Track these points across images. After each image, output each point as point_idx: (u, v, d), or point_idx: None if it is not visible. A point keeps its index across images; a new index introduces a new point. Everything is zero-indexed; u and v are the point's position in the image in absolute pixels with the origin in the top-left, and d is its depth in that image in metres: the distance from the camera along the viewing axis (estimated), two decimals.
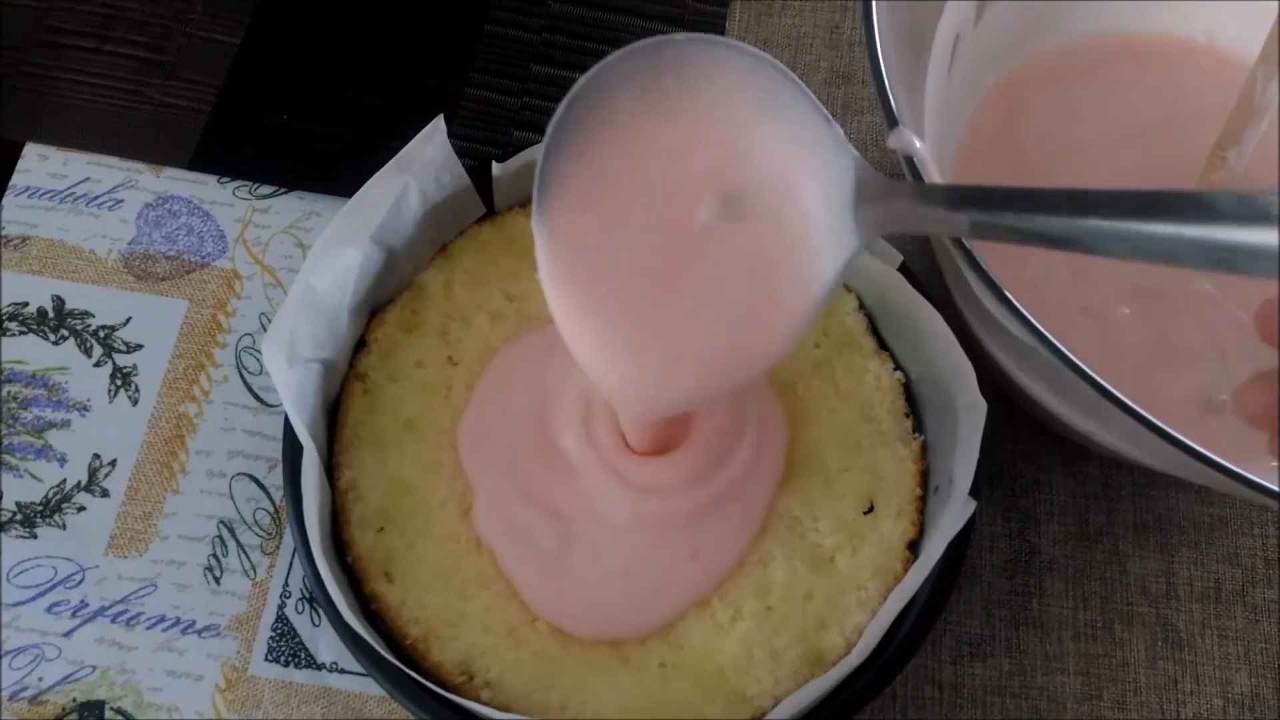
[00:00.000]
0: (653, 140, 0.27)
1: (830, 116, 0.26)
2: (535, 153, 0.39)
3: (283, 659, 0.36)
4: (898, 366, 0.38)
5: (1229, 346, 0.37)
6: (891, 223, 0.26)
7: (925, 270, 0.38)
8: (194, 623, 0.37)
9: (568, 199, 0.27)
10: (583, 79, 0.26)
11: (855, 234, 0.26)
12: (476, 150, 0.47)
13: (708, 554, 0.34)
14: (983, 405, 0.33)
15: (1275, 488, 0.25)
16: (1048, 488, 0.41)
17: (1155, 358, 0.37)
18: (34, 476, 0.38)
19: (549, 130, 0.27)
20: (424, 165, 0.36)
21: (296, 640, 0.36)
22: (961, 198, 0.25)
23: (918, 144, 0.27)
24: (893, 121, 0.28)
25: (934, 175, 0.28)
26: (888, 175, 0.26)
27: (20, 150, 0.44)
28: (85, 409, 0.39)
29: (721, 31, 0.50)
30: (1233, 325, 0.37)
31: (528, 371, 0.36)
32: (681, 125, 0.27)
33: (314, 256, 0.34)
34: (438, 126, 0.36)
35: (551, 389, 0.36)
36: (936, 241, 0.32)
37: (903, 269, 0.37)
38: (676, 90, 0.26)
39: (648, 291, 0.27)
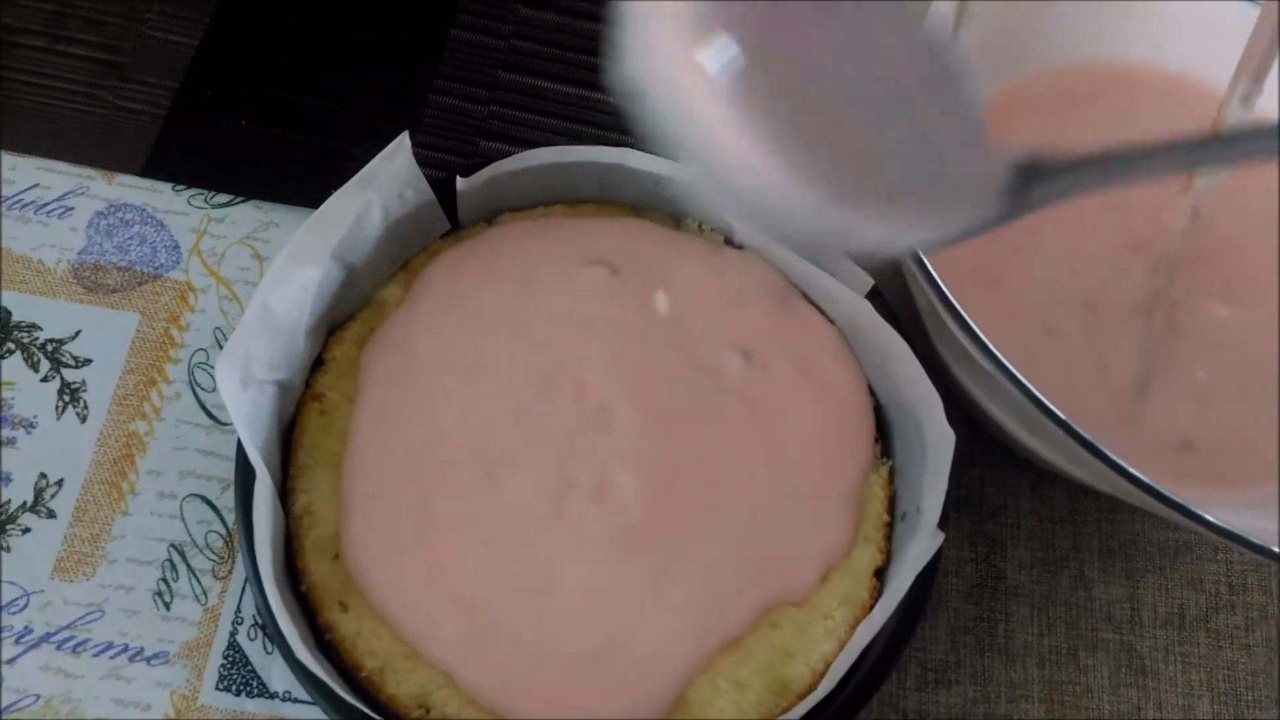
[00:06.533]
0: None
1: None
2: (501, 167, 0.38)
3: (234, 688, 0.35)
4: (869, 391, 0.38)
5: (1209, 375, 0.37)
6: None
7: (896, 293, 0.38)
8: (142, 650, 0.35)
9: None
10: None
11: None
12: (441, 159, 0.45)
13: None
14: (951, 436, 0.33)
15: (1272, 547, 0.24)
16: (1014, 512, 0.41)
17: (1130, 386, 0.36)
18: None
19: None
20: (387, 181, 0.35)
21: (249, 668, 0.35)
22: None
23: None
24: None
25: None
26: None
27: None
28: (32, 426, 0.38)
29: None
30: (1214, 353, 0.37)
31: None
32: None
33: (272, 275, 0.33)
34: (402, 143, 0.35)
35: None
36: (909, 274, 0.31)
37: (874, 293, 0.36)
38: None
39: None
